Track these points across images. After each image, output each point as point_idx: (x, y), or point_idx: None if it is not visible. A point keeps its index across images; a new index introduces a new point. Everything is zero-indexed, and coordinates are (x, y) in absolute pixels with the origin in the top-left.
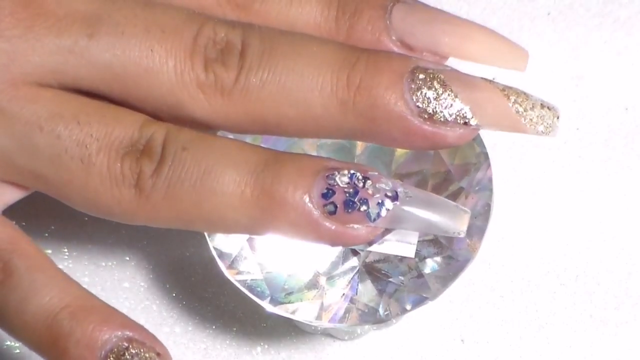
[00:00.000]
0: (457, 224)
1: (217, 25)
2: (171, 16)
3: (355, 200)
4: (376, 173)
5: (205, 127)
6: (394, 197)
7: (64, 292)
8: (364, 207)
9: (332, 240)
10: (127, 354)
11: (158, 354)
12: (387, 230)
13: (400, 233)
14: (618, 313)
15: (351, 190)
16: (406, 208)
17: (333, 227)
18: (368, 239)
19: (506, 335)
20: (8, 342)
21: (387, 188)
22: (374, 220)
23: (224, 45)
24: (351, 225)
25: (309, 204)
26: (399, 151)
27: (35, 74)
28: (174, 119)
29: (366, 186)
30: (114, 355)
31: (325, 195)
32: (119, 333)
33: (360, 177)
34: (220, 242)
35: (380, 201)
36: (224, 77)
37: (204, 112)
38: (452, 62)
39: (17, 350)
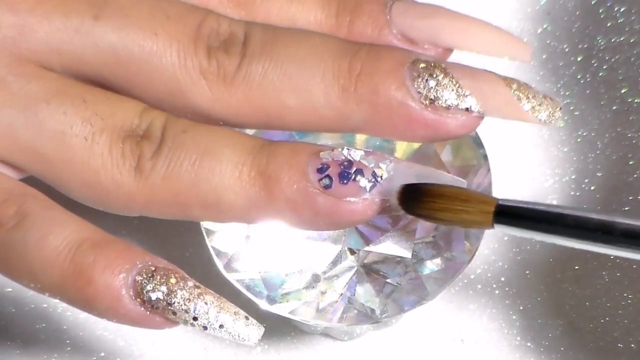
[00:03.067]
0: None
1: (221, 17)
2: (176, 5)
3: (350, 171)
4: (370, 150)
5: (206, 118)
6: (388, 168)
7: (82, 226)
8: (359, 177)
9: (330, 215)
10: (155, 275)
11: (184, 276)
12: (385, 231)
13: (398, 234)
14: (618, 313)
15: (346, 163)
16: (401, 179)
17: (328, 202)
18: (366, 214)
19: (506, 335)
20: (16, 330)
21: (382, 159)
22: (370, 190)
23: (227, 36)
24: (347, 199)
25: (304, 180)
26: (399, 153)
27: (41, 52)
28: (174, 108)
29: (360, 159)
30: (141, 279)
31: (320, 170)
32: (143, 259)
33: (354, 152)
34: (219, 241)
35: (374, 170)
36: (226, 65)
37: (206, 100)
38: (455, 58)
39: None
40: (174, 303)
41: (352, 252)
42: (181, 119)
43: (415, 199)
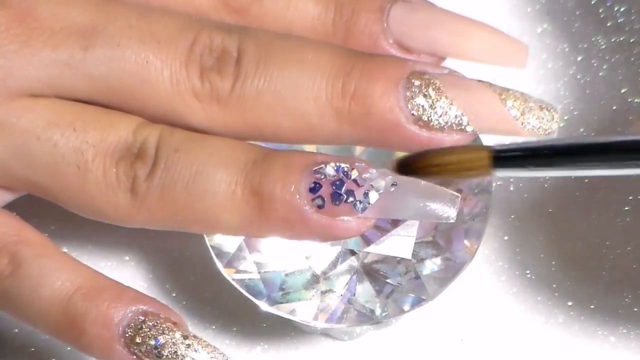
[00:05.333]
0: (446, 209)
1: (213, 32)
2: (166, 25)
3: (342, 192)
4: (363, 164)
5: (202, 133)
6: (380, 187)
7: (74, 274)
8: (350, 199)
9: (323, 233)
10: (144, 326)
11: (174, 324)
12: (385, 231)
13: (398, 234)
14: (618, 312)
15: (337, 182)
16: (394, 197)
17: (323, 221)
18: (360, 230)
19: (506, 335)
20: (16, 330)
21: (374, 178)
22: (362, 211)
23: (220, 52)
24: (341, 217)
25: (298, 199)
26: (399, 152)
27: (32, 86)
28: (170, 125)
29: (352, 177)
30: (131, 330)
31: (312, 190)
32: (134, 308)
33: (346, 169)
34: (219, 241)
35: (366, 191)
36: (219, 86)
37: (201, 121)
38: (451, 62)
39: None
40: (162, 356)
41: (352, 252)
42: (175, 132)
43: (411, 164)
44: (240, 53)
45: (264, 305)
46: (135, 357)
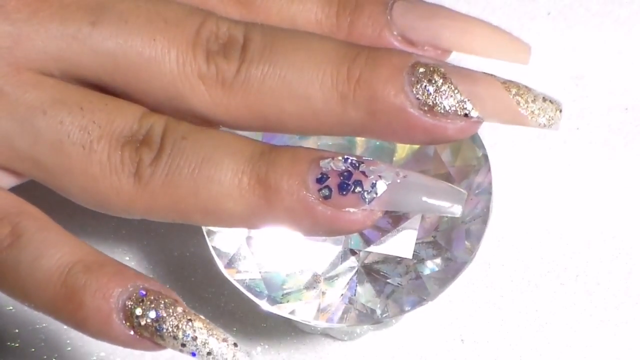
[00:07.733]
0: (453, 204)
1: (220, 20)
2: (174, 9)
3: (350, 182)
4: (370, 159)
5: (205, 121)
6: (387, 179)
7: (75, 248)
8: (358, 189)
9: (329, 225)
10: (145, 299)
11: (175, 301)
12: (386, 231)
13: (399, 234)
14: (618, 313)
15: (345, 173)
16: (401, 190)
17: (328, 212)
18: (365, 223)
19: (506, 335)
20: (16, 330)
21: (382, 170)
22: (369, 202)
23: (226, 39)
24: (347, 209)
25: (304, 190)
26: (399, 152)
27: (38, 59)
28: (174, 111)
29: (360, 169)
30: (132, 303)
31: (320, 180)
32: (135, 283)
33: (354, 161)
34: (219, 242)
35: (374, 182)
36: (225, 69)
37: (205, 105)
38: (455, 58)
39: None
40: (162, 330)
41: (353, 252)
42: (181, 122)
43: None
44: (246, 40)
45: (264, 305)
46: (133, 331)
